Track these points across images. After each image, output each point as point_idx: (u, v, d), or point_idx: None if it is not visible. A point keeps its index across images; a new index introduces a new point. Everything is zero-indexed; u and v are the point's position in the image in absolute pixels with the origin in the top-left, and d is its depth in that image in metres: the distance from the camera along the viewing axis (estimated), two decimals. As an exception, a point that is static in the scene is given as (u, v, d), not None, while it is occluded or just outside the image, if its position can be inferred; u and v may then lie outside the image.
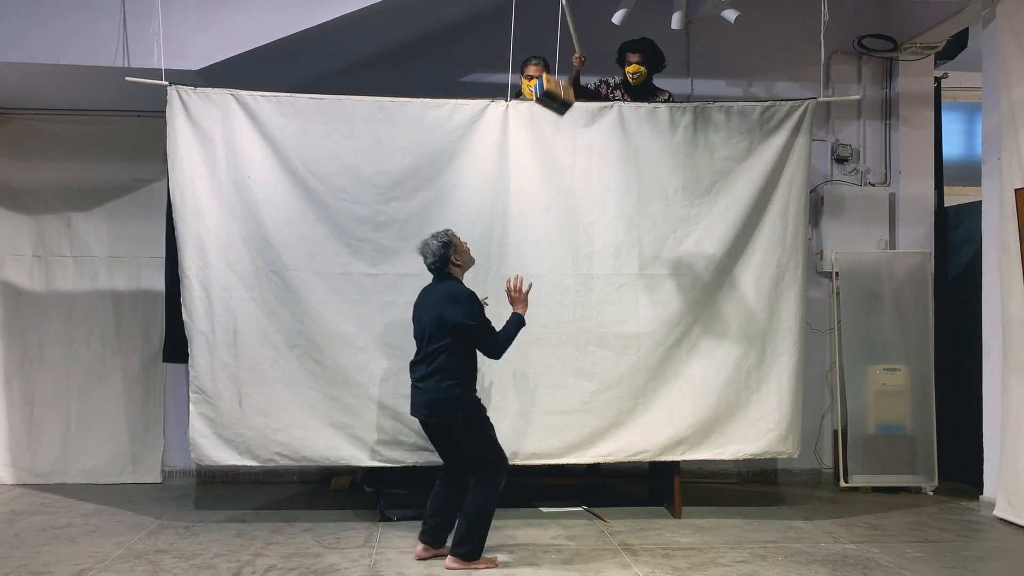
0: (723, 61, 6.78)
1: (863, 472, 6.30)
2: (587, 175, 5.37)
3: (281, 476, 6.46)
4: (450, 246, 4.47)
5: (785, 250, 5.44)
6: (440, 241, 4.46)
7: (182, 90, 5.13)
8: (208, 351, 5.14)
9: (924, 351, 6.41)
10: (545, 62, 5.63)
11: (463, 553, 4.36)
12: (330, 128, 5.22)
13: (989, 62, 5.74)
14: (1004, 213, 5.52)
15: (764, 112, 5.44)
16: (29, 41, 5.26)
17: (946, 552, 4.79)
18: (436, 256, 4.45)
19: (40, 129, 6.43)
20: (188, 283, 5.14)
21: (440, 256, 4.45)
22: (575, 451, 5.36)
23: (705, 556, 4.68)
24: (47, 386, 6.40)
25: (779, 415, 5.41)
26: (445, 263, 4.47)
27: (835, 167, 6.90)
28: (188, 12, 5.35)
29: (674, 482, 5.54)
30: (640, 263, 5.38)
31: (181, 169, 5.14)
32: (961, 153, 7.79)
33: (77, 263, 6.46)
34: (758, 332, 5.41)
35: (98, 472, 6.35)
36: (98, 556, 4.60)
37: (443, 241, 4.47)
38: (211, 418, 5.14)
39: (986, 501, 5.68)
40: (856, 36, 6.83)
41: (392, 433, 5.23)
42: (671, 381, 5.40)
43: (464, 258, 4.57)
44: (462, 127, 5.30)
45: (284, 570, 4.38)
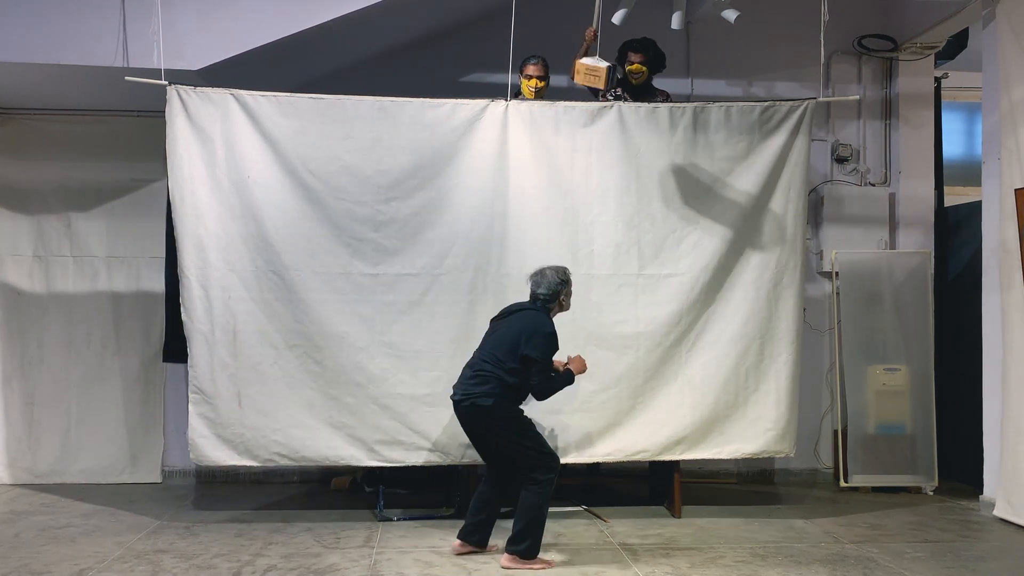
0: (723, 61, 6.78)
1: (863, 472, 6.30)
2: (587, 175, 5.37)
3: (281, 476, 6.46)
4: (566, 284, 4.59)
5: (784, 250, 5.44)
6: (560, 278, 4.57)
7: (182, 90, 5.13)
8: (207, 351, 5.14)
9: (924, 351, 6.41)
10: (544, 61, 5.64)
11: (520, 551, 4.40)
12: (330, 128, 5.22)
13: (989, 62, 5.74)
14: (1004, 213, 5.51)
15: (764, 112, 5.44)
16: (29, 41, 5.26)
17: (946, 552, 4.79)
18: (549, 290, 4.55)
19: (40, 129, 6.43)
20: (187, 283, 5.14)
21: (553, 292, 4.55)
22: (574, 451, 5.37)
23: (705, 556, 4.68)
24: (47, 386, 6.40)
25: (777, 414, 5.42)
26: (554, 300, 4.56)
27: (835, 167, 6.90)
28: (188, 12, 5.35)
29: (674, 482, 5.54)
30: (639, 263, 5.38)
31: (181, 169, 5.14)
32: (961, 153, 7.79)
33: (77, 263, 6.46)
34: (757, 332, 5.41)
35: (98, 472, 6.35)
36: (98, 556, 4.60)
37: (562, 279, 4.58)
38: (210, 418, 5.14)
39: (986, 501, 5.68)
40: (856, 36, 6.82)
41: (392, 433, 5.23)
42: (670, 381, 5.40)
43: (567, 303, 4.66)
44: (462, 127, 5.30)
45: (284, 570, 4.38)
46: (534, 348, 4.38)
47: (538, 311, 4.54)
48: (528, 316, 4.52)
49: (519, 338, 4.41)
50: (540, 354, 4.40)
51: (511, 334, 4.46)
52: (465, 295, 5.29)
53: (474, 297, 5.30)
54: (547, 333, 4.44)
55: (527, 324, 4.47)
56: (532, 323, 4.46)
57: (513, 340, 4.43)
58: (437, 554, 4.67)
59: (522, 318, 4.53)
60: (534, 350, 4.38)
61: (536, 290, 4.57)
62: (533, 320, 4.48)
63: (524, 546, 4.40)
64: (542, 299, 4.55)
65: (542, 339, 4.41)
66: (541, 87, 5.65)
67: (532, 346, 4.38)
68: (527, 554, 4.40)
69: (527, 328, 4.44)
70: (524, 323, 4.48)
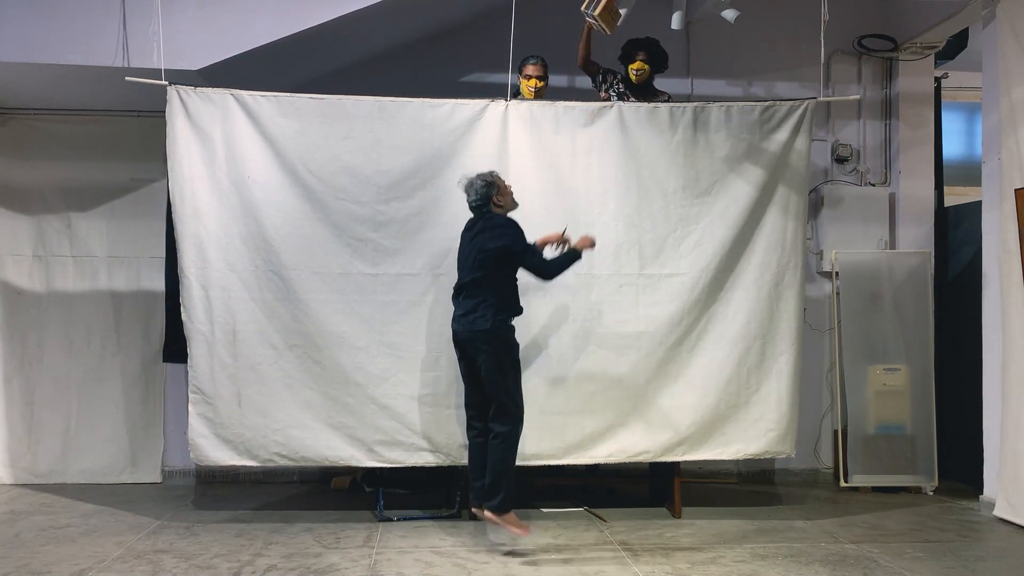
0: (723, 61, 6.78)
1: (863, 472, 6.30)
2: (587, 175, 5.37)
3: (281, 476, 6.46)
4: (493, 187, 4.67)
5: (785, 250, 5.44)
6: (484, 180, 4.67)
7: (182, 90, 5.13)
8: (207, 351, 5.14)
9: (924, 351, 6.41)
10: (544, 61, 5.64)
11: (493, 506, 4.55)
12: (330, 128, 5.22)
13: (989, 62, 5.74)
14: (1004, 213, 5.51)
15: (764, 112, 5.44)
16: (29, 41, 5.26)
17: (946, 552, 4.79)
18: (478, 195, 4.66)
19: (40, 129, 6.43)
20: (187, 283, 5.14)
21: (482, 195, 4.65)
22: (575, 452, 5.36)
23: (705, 556, 4.68)
24: (47, 386, 6.40)
25: (778, 415, 5.41)
26: (486, 202, 4.66)
27: (835, 167, 6.90)
28: (188, 12, 5.35)
29: (674, 482, 5.53)
30: (640, 263, 5.38)
31: (180, 169, 5.14)
32: (961, 153, 7.79)
33: (77, 263, 6.46)
34: (758, 332, 5.41)
35: (98, 472, 6.35)
36: (98, 556, 4.60)
37: (487, 181, 4.67)
38: (210, 418, 5.14)
39: (986, 501, 5.68)
40: (856, 36, 6.83)
41: (391, 433, 5.23)
42: (672, 381, 5.39)
43: (506, 200, 4.74)
44: (462, 127, 5.30)
45: (284, 570, 4.38)
46: (502, 239, 4.52)
47: (484, 215, 4.68)
48: (479, 225, 4.66)
49: (483, 244, 4.56)
50: (512, 240, 4.53)
51: (473, 247, 4.61)
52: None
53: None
54: (504, 221, 4.60)
55: (483, 229, 4.61)
56: (486, 225, 4.61)
57: (477, 250, 4.57)
58: (437, 554, 4.67)
59: (474, 228, 4.67)
60: (503, 240, 4.52)
61: (468, 200, 4.70)
62: (485, 223, 4.62)
63: (497, 500, 4.52)
64: (476, 204, 4.68)
65: (502, 229, 4.55)
66: (540, 87, 5.65)
67: (499, 240, 4.52)
68: (501, 508, 4.54)
69: (483, 231, 4.59)
70: (480, 231, 4.62)
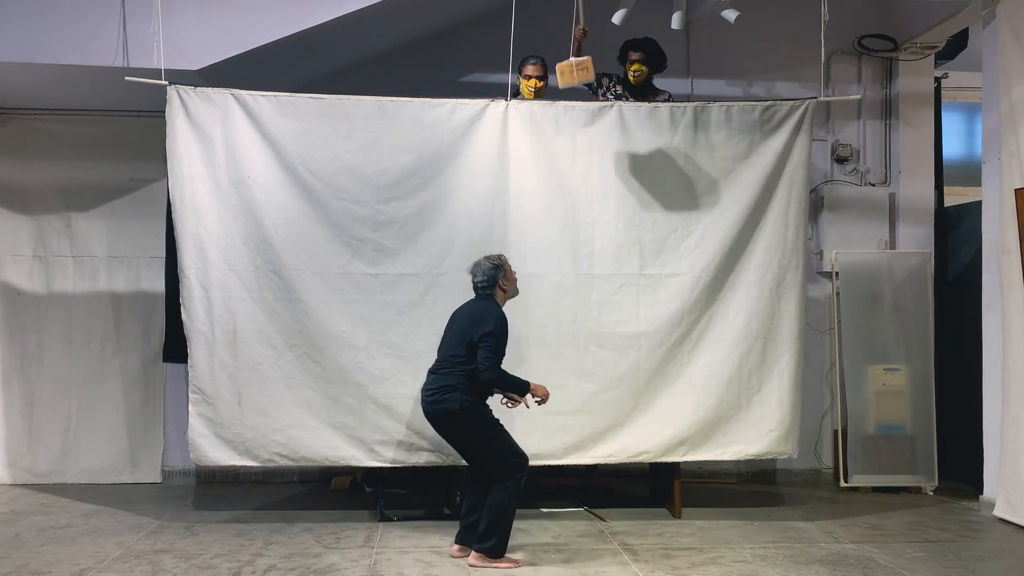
0: (723, 61, 6.78)
1: (863, 472, 6.30)
2: (587, 175, 5.37)
3: (281, 476, 6.46)
4: (500, 270, 4.62)
5: (786, 250, 5.43)
6: (492, 264, 4.62)
7: (182, 90, 5.13)
8: (207, 351, 5.14)
9: (924, 351, 6.41)
10: (543, 61, 5.64)
11: (485, 549, 4.44)
12: (330, 128, 5.22)
13: (989, 62, 5.74)
14: (1004, 213, 5.52)
15: (764, 112, 5.44)
16: (29, 41, 5.26)
17: (946, 552, 4.79)
18: (486, 276, 4.60)
19: (40, 129, 6.43)
20: (187, 283, 5.14)
21: (489, 277, 4.60)
22: (576, 452, 5.36)
23: (705, 556, 4.68)
24: (47, 386, 6.40)
25: (780, 415, 5.41)
26: (492, 285, 4.61)
27: (835, 167, 6.90)
28: (188, 12, 5.35)
29: (674, 482, 5.53)
30: (640, 263, 5.38)
31: (180, 169, 5.14)
32: (961, 153, 7.79)
33: (77, 263, 6.46)
34: (760, 332, 5.41)
35: (98, 472, 6.35)
36: (98, 556, 4.60)
37: (495, 264, 4.63)
38: (210, 418, 5.14)
39: (986, 501, 5.68)
40: (856, 36, 6.83)
41: (391, 433, 5.23)
42: (672, 381, 5.39)
43: (511, 286, 4.70)
44: (462, 127, 5.30)
45: (284, 570, 4.38)
46: (485, 325, 4.45)
47: (483, 300, 4.62)
48: (474, 306, 4.61)
49: (470, 326, 4.49)
50: (492, 328, 4.44)
51: (461, 328, 4.54)
52: (465, 295, 5.24)
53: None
54: (497, 315, 4.51)
55: (476, 312, 4.55)
56: (480, 310, 4.55)
57: (464, 331, 4.50)
58: (437, 554, 4.67)
59: (469, 310, 4.61)
60: (486, 327, 4.44)
61: (474, 280, 4.64)
62: (481, 308, 4.56)
63: (490, 544, 4.42)
64: (481, 287, 4.62)
65: (492, 319, 4.47)
66: (540, 87, 5.64)
67: (483, 325, 4.44)
68: (493, 552, 4.43)
69: (476, 315, 4.52)
70: (473, 312, 4.56)
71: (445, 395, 4.44)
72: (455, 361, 4.48)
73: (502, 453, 4.48)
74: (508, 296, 4.71)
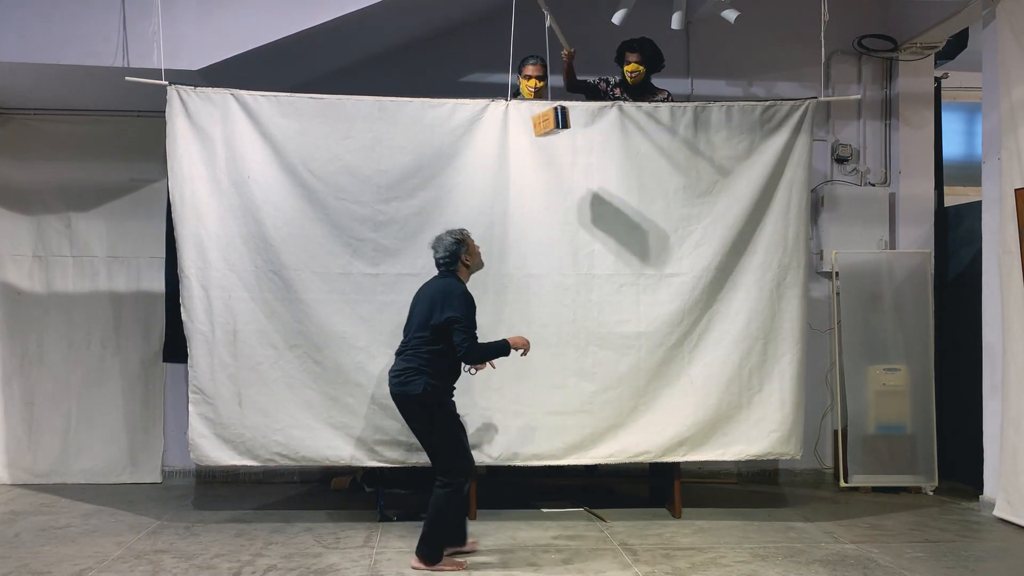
0: (723, 61, 6.78)
1: (863, 472, 6.30)
2: (587, 175, 5.37)
3: (281, 476, 6.46)
4: (463, 244, 4.53)
5: (787, 250, 5.43)
6: (454, 238, 4.52)
7: (182, 90, 5.13)
8: (207, 351, 5.14)
9: (924, 351, 6.41)
10: (543, 61, 5.63)
11: (422, 554, 4.37)
12: (330, 128, 5.22)
13: (989, 62, 5.74)
14: (1004, 213, 5.52)
15: (765, 112, 5.44)
16: (29, 41, 5.26)
17: (946, 552, 4.79)
18: (448, 252, 4.51)
19: (40, 129, 6.44)
20: (187, 283, 5.14)
21: (451, 252, 4.50)
22: (576, 452, 5.35)
23: (705, 556, 4.68)
24: (47, 386, 6.40)
25: (781, 416, 5.40)
26: (455, 260, 4.52)
27: (835, 167, 6.90)
28: (188, 12, 5.35)
29: (674, 482, 5.53)
30: (641, 263, 5.38)
31: (180, 169, 5.14)
32: (961, 153, 7.79)
33: (77, 263, 6.46)
34: (760, 332, 5.40)
35: (98, 472, 6.35)
36: (98, 556, 4.60)
37: (457, 239, 4.53)
38: (210, 418, 5.14)
39: (986, 501, 5.68)
40: (856, 36, 6.83)
41: (392, 433, 5.23)
42: (673, 381, 5.39)
43: (474, 260, 4.62)
44: (462, 127, 5.30)
45: (284, 570, 4.38)
46: (451, 308, 4.33)
47: (445, 277, 4.52)
48: (435, 285, 4.51)
49: (432, 307, 4.39)
50: (458, 311, 4.33)
51: (423, 309, 4.44)
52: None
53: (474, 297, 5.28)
54: (460, 293, 4.41)
55: (436, 291, 4.44)
56: (442, 289, 4.44)
57: (426, 313, 4.40)
58: (437, 554, 4.67)
59: (431, 289, 4.51)
60: (451, 310, 4.33)
61: (435, 256, 4.55)
62: (442, 286, 4.46)
63: (425, 550, 4.35)
64: (444, 263, 4.52)
65: (456, 299, 4.36)
66: (540, 87, 5.64)
67: (448, 308, 4.34)
68: (431, 558, 4.35)
69: (437, 295, 4.41)
70: (434, 292, 4.46)
71: (410, 378, 4.35)
72: (420, 342, 4.39)
73: (456, 451, 4.41)
74: (472, 271, 4.63)
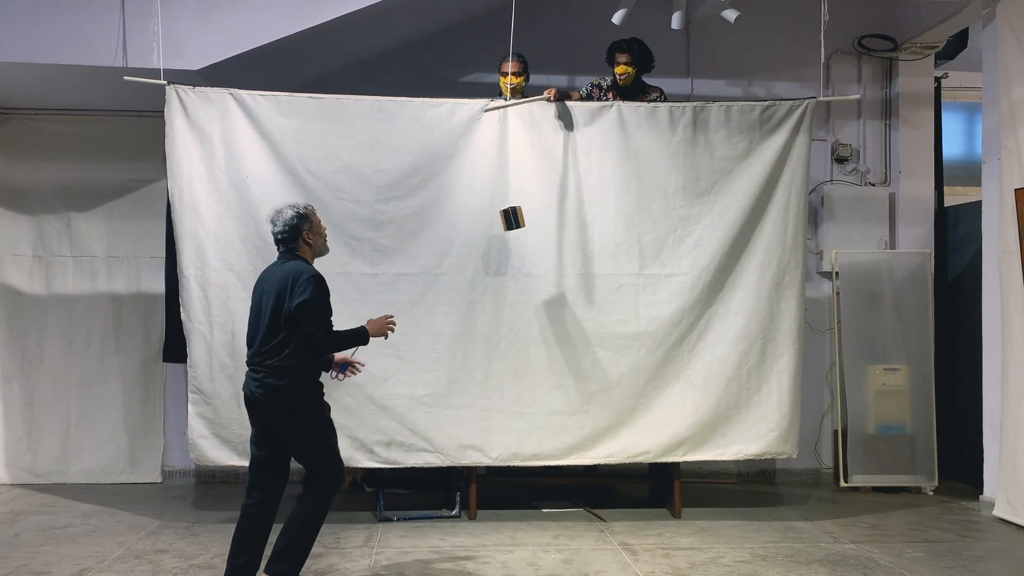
0: (723, 61, 6.77)
1: (863, 472, 6.30)
2: (587, 174, 5.37)
3: (281, 476, 6.44)
4: (305, 220, 3.96)
5: (785, 250, 5.43)
6: (296, 211, 3.95)
7: (181, 89, 5.13)
8: (206, 351, 5.14)
9: (924, 351, 6.41)
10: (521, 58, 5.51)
11: (277, 572, 3.85)
12: (329, 127, 5.22)
13: (989, 62, 5.74)
14: (1004, 213, 5.51)
15: (764, 111, 5.44)
16: (29, 41, 5.26)
17: (946, 552, 4.79)
18: (286, 226, 3.92)
19: (40, 129, 6.44)
20: (186, 283, 5.14)
21: (291, 227, 3.92)
22: (575, 452, 5.36)
23: (705, 556, 4.68)
24: (47, 386, 6.40)
25: (779, 415, 5.41)
26: (295, 236, 3.94)
27: (835, 167, 6.89)
28: (188, 12, 5.35)
29: (674, 482, 5.53)
30: (640, 263, 5.38)
31: (180, 169, 5.14)
32: (961, 153, 7.79)
33: (77, 263, 6.46)
34: (759, 332, 5.41)
35: (98, 472, 6.35)
36: (98, 556, 4.60)
37: (300, 212, 3.95)
38: (210, 418, 5.15)
39: (986, 501, 5.68)
40: (856, 36, 6.82)
41: (391, 434, 5.23)
42: (672, 381, 5.39)
43: (317, 240, 4.03)
44: (461, 126, 5.30)
45: (283, 570, 4.38)
46: (300, 294, 3.76)
47: (287, 260, 3.94)
48: (280, 271, 3.90)
49: (280, 299, 3.80)
50: (310, 296, 3.77)
51: (272, 301, 3.83)
52: (465, 295, 5.29)
53: (474, 297, 5.30)
54: (309, 275, 3.82)
55: (282, 278, 3.84)
56: (288, 274, 3.84)
57: (276, 304, 3.81)
58: (437, 554, 4.67)
59: (276, 277, 3.89)
60: (301, 295, 3.76)
61: (273, 231, 3.96)
62: (288, 271, 3.85)
63: (282, 568, 3.85)
64: (282, 239, 3.94)
65: (305, 282, 3.79)
66: (517, 83, 5.50)
67: (298, 293, 3.77)
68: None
69: (284, 281, 3.82)
70: (280, 279, 3.85)
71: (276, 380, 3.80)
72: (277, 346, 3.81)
73: (329, 462, 3.96)
74: (315, 253, 4.04)
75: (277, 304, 3.82)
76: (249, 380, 3.91)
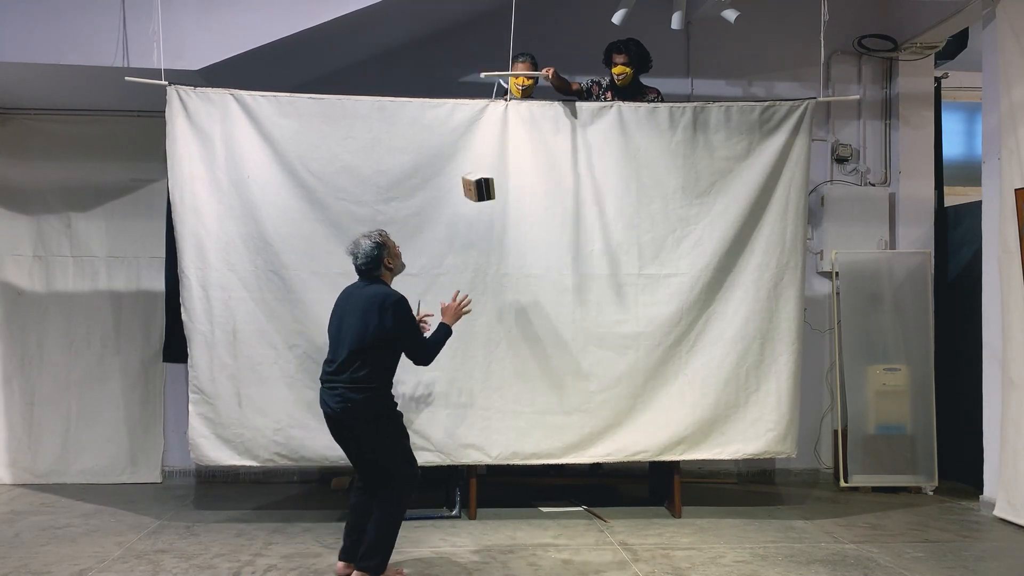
0: (723, 61, 6.78)
1: (863, 472, 6.30)
2: (586, 175, 5.37)
3: (281, 476, 6.46)
4: (383, 248, 4.22)
5: (785, 250, 5.44)
6: (374, 241, 4.21)
7: (181, 90, 5.13)
8: (207, 351, 5.15)
9: (924, 351, 6.41)
10: (533, 59, 5.58)
11: (370, 567, 4.06)
12: (329, 128, 5.22)
13: (989, 62, 5.74)
14: (1004, 213, 5.51)
15: (764, 112, 5.44)
16: (29, 41, 5.27)
17: (946, 552, 4.79)
18: (368, 257, 4.19)
19: (40, 129, 6.44)
20: (187, 283, 5.15)
21: (372, 257, 4.19)
22: (574, 451, 5.36)
23: (705, 556, 4.68)
24: (47, 386, 6.40)
25: (778, 415, 5.41)
26: (377, 265, 4.21)
27: (835, 167, 6.90)
28: (188, 12, 5.35)
29: (674, 482, 5.53)
30: (639, 263, 5.38)
31: (180, 169, 5.14)
32: (961, 153, 7.79)
33: (77, 263, 6.46)
34: (757, 332, 5.41)
35: (98, 472, 6.35)
36: (98, 556, 4.60)
37: (376, 242, 4.21)
38: (210, 418, 5.15)
39: (986, 501, 5.68)
40: (856, 36, 6.82)
41: (392, 433, 5.23)
42: (671, 381, 5.40)
43: (396, 262, 4.32)
44: (462, 127, 5.30)
45: (284, 570, 4.38)
46: (391, 321, 4.05)
47: (370, 283, 4.20)
48: (366, 295, 4.14)
49: (366, 321, 4.05)
50: (402, 325, 4.08)
51: (357, 322, 4.08)
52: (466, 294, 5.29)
53: (474, 297, 5.26)
54: (394, 300, 4.09)
55: (367, 301, 4.09)
56: (373, 298, 4.09)
57: (361, 326, 4.06)
58: (437, 554, 4.67)
59: (362, 300, 4.13)
60: (395, 326, 4.06)
61: (356, 263, 4.22)
62: (373, 295, 4.11)
63: (374, 562, 4.06)
64: (365, 270, 4.21)
65: (392, 309, 4.06)
66: (528, 85, 5.58)
67: (389, 320, 4.05)
68: (377, 570, 4.06)
69: (371, 307, 4.07)
70: (366, 303, 4.09)
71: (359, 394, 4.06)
72: (356, 359, 4.06)
73: (405, 463, 4.19)
74: (395, 273, 4.33)
75: (362, 326, 4.08)
76: (327, 396, 4.16)
